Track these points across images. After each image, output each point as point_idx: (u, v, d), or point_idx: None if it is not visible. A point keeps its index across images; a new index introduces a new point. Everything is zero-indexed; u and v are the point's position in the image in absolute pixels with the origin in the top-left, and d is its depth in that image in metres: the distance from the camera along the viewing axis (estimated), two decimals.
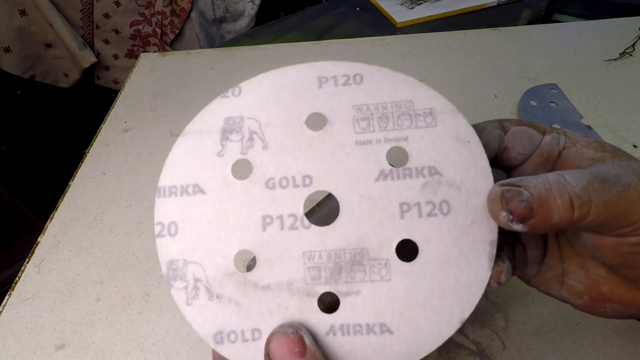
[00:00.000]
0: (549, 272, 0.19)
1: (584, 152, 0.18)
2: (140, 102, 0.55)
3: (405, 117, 0.18)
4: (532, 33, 0.58)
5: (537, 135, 0.19)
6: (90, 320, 0.33)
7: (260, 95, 0.19)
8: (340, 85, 0.19)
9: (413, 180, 0.18)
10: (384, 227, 0.18)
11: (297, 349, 0.16)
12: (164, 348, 0.31)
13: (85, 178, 0.45)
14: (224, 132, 0.19)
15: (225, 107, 0.19)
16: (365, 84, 0.19)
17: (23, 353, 0.31)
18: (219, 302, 0.18)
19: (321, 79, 0.19)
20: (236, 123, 0.19)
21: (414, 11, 0.74)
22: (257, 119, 0.19)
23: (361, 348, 0.17)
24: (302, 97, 0.19)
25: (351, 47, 0.60)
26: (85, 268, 0.37)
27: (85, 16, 1.02)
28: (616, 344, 0.27)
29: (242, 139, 0.19)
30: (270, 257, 0.18)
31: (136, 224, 0.40)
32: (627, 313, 0.18)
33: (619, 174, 0.16)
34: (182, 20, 1.06)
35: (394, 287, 0.17)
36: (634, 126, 0.42)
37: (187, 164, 0.19)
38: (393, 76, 0.19)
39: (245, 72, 0.58)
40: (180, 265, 0.18)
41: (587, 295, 0.18)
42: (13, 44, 0.98)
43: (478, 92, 0.49)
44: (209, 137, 0.19)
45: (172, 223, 0.18)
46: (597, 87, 0.47)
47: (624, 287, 0.18)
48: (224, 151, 0.19)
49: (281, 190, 0.18)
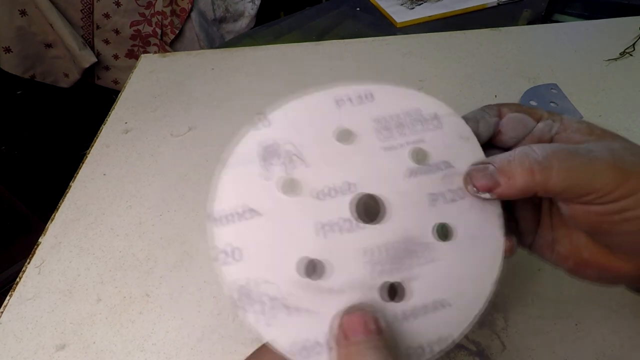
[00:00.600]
0: (540, 240, 0.22)
1: (572, 137, 0.20)
2: (140, 103, 0.55)
3: (417, 122, 0.21)
4: (532, 33, 0.58)
5: (531, 122, 0.21)
6: (90, 321, 0.33)
7: (289, 122, 0.21)
8: (357, 104, 0.21)
9: (434, 174, 0.21)
10: (422, 216, 0.20)
11: (372, 327, 0.17)
12: (164, 348, 0.31)
13: (85, 179, 0.45)
14: (265, 159, 0.21)
15: (259, 138, 0.21)
16: (376, 100, 0.21)
17: (24, 353, 0.31)
18: (298, 314, 0.19)
19: (338, 101, 0.21)
20: (274, 149, 0.21)
21: (414, 11, 0.74)
22: (292, 142, 0.21)
23: (429, 326, 0.19)
24: (326, 118, 0.21)
25: (351, 47, 0.60)
26: (85, 269, 0.37)
27: (86, 16, 1.02)
28: (616, 344, 0.27)
29: (283, 161, 0.21)
30: (334, 261, 0.19)
31: (137, 225, 0.40)
32: (607, 277, 0.20)
33: (592, 149, 0.18)
34: (182, 20, 1.06)
35: (444, 265, 0.20)
36: (634, 126, 0.42)
37: (238, 192, 0.20)
38: (398, 90, 0.22)
39: (245, 72, 0.58)
40: (252, 287, 0.19)
41: (571, 260, 0.21)
42: (13, 44, 0.98)
43: (478, 92, 0.49)
44: (252, 165, 0.21)
45: (235, 249, 0.19)
46: (597, 87, 0.47)
47: (601, 253, 0.19)
48: (270, 174, 0.20)
49: (330, 199, 0.20)
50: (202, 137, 0.48)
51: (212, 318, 0.32)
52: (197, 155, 0.46)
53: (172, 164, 0.46)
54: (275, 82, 0.55)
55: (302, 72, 0.56)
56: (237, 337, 0.31)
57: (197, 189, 0.42)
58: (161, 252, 0.37)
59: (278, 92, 0.53)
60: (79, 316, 0.33)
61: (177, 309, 0.33)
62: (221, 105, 0.53)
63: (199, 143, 0.48)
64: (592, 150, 0.18)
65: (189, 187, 0.42)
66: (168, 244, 0.38)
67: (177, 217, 0.40)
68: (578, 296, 0.30)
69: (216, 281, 0.34)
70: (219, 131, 0.49)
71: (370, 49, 0.59)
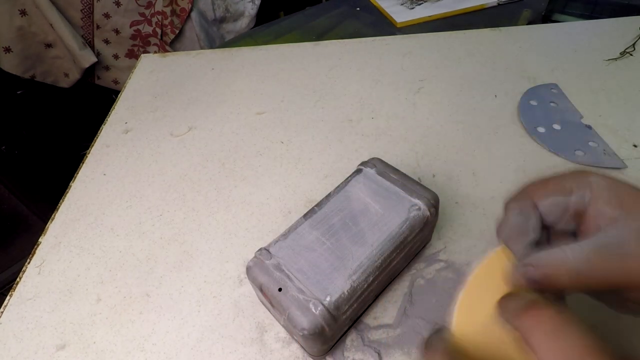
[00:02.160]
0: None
1: (604, 211, 0.21)
2: (140, 103, 0.55)
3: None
4: (532, 33, 0.58)
5: (564, 200, 0.22)
6: (90, 321, 0.33)
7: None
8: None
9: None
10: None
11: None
12: (164, 348, 0.31)
13: (86, 179, 0.45)
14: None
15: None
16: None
17: (24, 353, 0.31)
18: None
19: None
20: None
21: (414, 11, 0.74)
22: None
23: None
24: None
25: (351, 47, 0.60)
26: (85, 268, 0.37)
27: (86, 16, 1.02)
28: (616, 344, 0.27)
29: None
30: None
31: (136, 225, 0.40)
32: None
33: (622, 241, 0.19)
34: (182, 20, 1.06)
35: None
36: (634, 126, 0.42)
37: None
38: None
39: (245, 72, 0.58)
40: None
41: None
42: (13, 44, 0.98)
43: (478, 92, 0.49)
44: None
45: None
46: (597, 87, 0.47)
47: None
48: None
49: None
50: (202, 137, 0.48)
51: (212, 318, 0.32)
52: (197, 155, 0.46)
53: (172, 164, 0.46)
54: (275, 82, 0.55)
55: (302, 72, 0.56)
56: (237, 337, 0.31)
57: (197, 189, 0.42)
58: (161, 252, 0.37)
59: (278, 92, 0.53)
60: (79, 316, 0.33)
61: (177, 309, 0.33)
62: (221, 105, 0.53)
63: (199, 143, 0.48)
64: (623, 245, 0.19)
65: (189, 187, 0.42)
66: (168, 244, 0.38)
67: (177, 217, 0.40)
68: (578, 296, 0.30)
69: (216, 281, 0.34)
70: (219, 131, 0.49)
71: (370, 49, 0.59)
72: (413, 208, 0.29)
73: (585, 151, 0.40)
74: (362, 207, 0.30)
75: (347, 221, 0.29)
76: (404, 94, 0.50)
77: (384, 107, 0.49)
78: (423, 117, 0.47)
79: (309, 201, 0.39)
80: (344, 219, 0.29)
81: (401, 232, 0.28)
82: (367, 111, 0.49)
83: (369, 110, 0.49)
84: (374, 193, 0.31)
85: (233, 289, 0.34)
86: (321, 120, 0.48)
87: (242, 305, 0.32)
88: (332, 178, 0.41)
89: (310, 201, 0.39)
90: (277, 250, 0.28)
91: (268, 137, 0.47)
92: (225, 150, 0.46)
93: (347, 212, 0.30)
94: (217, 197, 0.41)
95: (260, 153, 0.45)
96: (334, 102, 0.51)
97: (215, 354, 0.30)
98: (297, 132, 0.47)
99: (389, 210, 0.29)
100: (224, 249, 0.36)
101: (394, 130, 0.46)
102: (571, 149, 0.40)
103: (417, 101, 0.49)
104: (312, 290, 0.25)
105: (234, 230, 0.38)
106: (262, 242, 0.36)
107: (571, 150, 0.40)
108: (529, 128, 0.43)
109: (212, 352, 0.30)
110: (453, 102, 0.48)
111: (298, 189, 0.41)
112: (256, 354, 0.29)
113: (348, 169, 0.42)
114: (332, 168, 0.42)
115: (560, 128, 0.43)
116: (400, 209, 0.29)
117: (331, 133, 0.46)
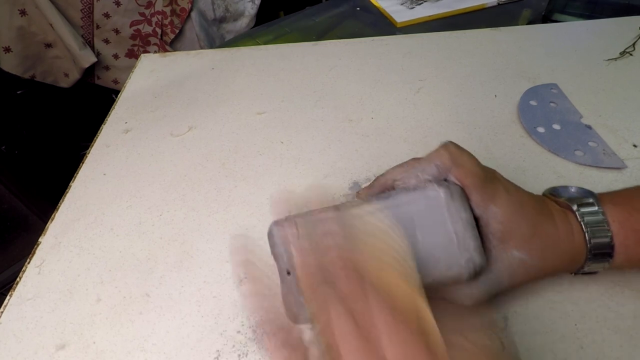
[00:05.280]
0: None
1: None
2: (140, 102, 0.55)
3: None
4: (532, 33, 0.58)
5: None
6: (90, 321, 0.33)
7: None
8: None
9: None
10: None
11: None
12: (165, 348, 0.31)
13: (86, 179, 0.45)
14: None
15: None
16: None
17: (24, 353, 0.31)
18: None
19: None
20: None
21: (414, 11, 0.74)
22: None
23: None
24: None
25: (351, 47, 0.60)
26: (85, 268, 0.37)
27: (86, 16, 1.02)
28: (616, 344, 0.27)
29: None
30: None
31: (137, 225, 0.40)
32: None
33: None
34: (182, 20, 1.06)
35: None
36: (634, 126, 0.42)
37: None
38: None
39: (245, 72, 0.58)
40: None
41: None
42: (13, 43, 0.98)
43: (478, 92, 0.49)
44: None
45: None
46: (597, 87, 0.47)
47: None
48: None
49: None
50: (202, 137, 0.48)
51: (212, 318, 0.32)
52: (197, 155, 0.46)
53: (172, 164, 0.46)
54: (275, 82, 0.55)
55: (302, 72, 0.56)
56: (237, 337, 0.31)
57: (197, 189, 0.42)
58: (161, 252, 0.37)
59: (278, 92, 0.53)
60: (79, 316, 0.33)
61: (177, 309, 0.33)
62: (221, 105, 0.53)
63: (199, 143, 0.48)
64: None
65: (189, 187, 0.42)
66: (168, 244, 0.38)
67: (177, 217, 0.40)
68: (578, 296, 0.30)
69: (216, 281, 0.34)
70: (219, 131, 0.49)
71: (370, 49, 0.59)
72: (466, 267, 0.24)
73: (585, 151, 0.40)
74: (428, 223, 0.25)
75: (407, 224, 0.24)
76: (404, 94, 0.50)
77: (384, 107, 0.49)
78: (423, 117, 0.47)
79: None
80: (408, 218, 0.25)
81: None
82: (367, 111, 0.49)
83: (369, 110, 0.49)
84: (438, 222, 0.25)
85: (233, 289, 0.34)
86: (321, 120, 0.48)
87: (242, 305, 0.32)
88: (332, 178, 0.41)
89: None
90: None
91: (268, 137, 0.47)
92: (225, 150, 0.46)
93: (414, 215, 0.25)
94: (217, 197, 0.41)
95: (260, 153, 0.45)
96: (334, 102, 0.51)
97: (215, 354, 0.30)
98: (297, 132, 0.47)
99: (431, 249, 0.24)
100: (224, 249, 0.36)
101: (394, 130, 0.46)
102: (571, 149, 0.40)
103: (417, 101, 0.49)
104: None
105: (234, 230, 0.38)
106: (262, 242, 0.36)
107: (571, 150, 0.40)
108: (528, 128, 0.43)
109: (212, 352, 0.30)
110: (453, 102, 0.48)
111: (298, 189, 0.41)
112: (256, 353, 0.29)
113: (348, 169, 0.42)
114: (332, 168, 0.42)
115: (560, 128, 0.43)
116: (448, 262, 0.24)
117: (331, 133, 0.46)
